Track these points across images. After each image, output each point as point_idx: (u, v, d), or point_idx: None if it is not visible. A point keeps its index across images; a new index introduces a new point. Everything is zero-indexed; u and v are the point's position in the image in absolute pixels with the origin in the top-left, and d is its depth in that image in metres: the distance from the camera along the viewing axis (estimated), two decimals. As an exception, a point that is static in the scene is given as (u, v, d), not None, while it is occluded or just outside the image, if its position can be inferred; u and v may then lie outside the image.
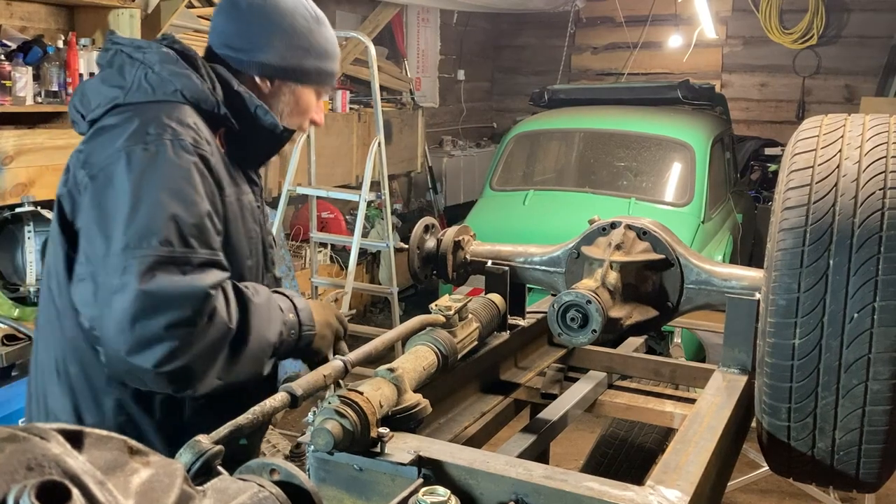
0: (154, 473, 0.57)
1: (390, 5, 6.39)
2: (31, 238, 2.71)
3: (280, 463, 0.75)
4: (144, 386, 1.37)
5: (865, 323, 1.15)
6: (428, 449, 1.13)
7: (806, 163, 1.27)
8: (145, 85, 1.45)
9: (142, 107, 1.43)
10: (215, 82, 1.50)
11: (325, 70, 1.64)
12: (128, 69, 1.47)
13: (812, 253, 1.19)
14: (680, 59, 7.99)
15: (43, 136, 3.52)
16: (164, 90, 1.45)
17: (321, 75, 1.64)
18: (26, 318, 2.68)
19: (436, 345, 1.39)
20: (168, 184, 1.35)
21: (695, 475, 1.10)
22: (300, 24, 1.59)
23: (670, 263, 1.58)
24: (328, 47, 1.64)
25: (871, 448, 1.20)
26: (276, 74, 1.58)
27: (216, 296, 1.33)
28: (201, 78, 1.48)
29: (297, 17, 1.59)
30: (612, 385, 1.93)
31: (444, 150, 7.77)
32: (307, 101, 1.65)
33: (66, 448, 0.50)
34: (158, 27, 4.08)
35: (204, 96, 1.47)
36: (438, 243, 1.77)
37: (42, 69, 3.49)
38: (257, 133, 1.56)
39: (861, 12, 7.56)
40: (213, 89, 1.49)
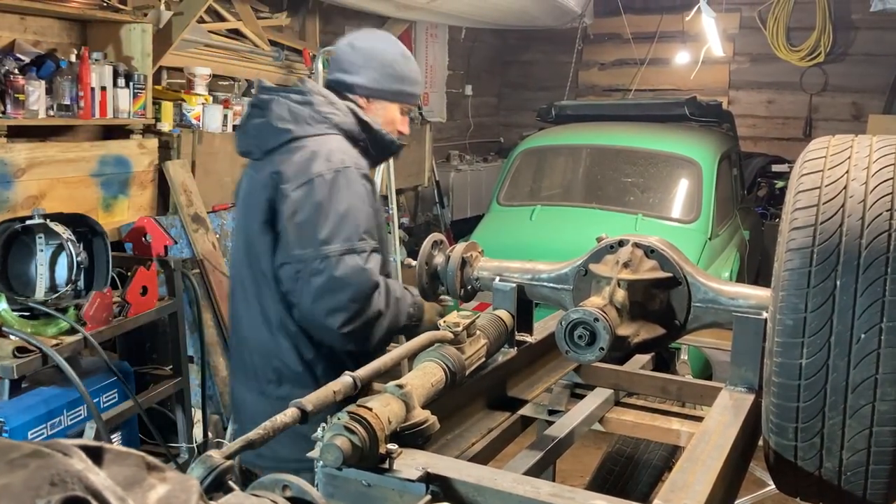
0: (171, 489, 0.58)
1: (399, 21, 6.44)
2: (43, 251, 2.73)
3: (292, 479, 0.76)
4: (327, 341, 1.99)
5: (872, 343, 1.16)
6: (436, 465, 1.14)
7: (813, 183, 1.28)
8: (313, 122, 2.03)
9: (315, 139, 2.01)
10: (348, 114, 2.07)
11: (407, 91, 2.20)
12: (297, 109, 2.04)
13: (819, 273, 1.20)
14: (687, 75, 8.01)
15: (55, 150, 3.56)
16: (327, 125, 2.04)
17: (404, 95, 2.19)
18: (39, 333, 2.70)
19: (444, 361, 1.40)
20: (350, 198, 1.96)
21: (702, 494, 1.10)
22: (390, 57, 2.17)
23: (678, 282, 1.58)
24: (411, 75, 2.20)
25: (879, 469, 1.20)
26: (372, 94, 2.15)
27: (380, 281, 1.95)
28: (344, 114, 2.07)
29: (388, 53, 2.17)
30: (618, 402, 1.93)
31: (451, 164, 7.80)
32: (393, 115, 2.19)
33: (87, 464, 0.51)
34: (170, 42, 4.12)
35: (351, 128, 2.07)
36: (447, 259, 1.78)
37: (55, 83, 3.53)
38: (378, 146, 2.14)
39: (868, 30, 7.57)
40: (354, 122, 2.07)
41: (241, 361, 2.17)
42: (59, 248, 2.75)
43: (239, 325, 2.16)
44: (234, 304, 2.19)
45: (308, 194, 1.94)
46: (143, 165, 4.00)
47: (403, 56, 2.20)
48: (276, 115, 2.04)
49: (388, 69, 2.15)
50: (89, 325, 2.81)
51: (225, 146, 4.52)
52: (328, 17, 6.21)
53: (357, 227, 1.94)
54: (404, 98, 2.20)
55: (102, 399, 2.99)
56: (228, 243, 4.45)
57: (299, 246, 1.93)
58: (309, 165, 1.96)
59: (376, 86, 2.14)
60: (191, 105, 4.36)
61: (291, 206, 1.94)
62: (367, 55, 2.15)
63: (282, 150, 2.01)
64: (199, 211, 4.20)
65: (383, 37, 2.26)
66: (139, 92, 3.88)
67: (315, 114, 2.03)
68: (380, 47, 2.18)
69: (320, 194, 1.93)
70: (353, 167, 2.00)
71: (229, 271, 2.44)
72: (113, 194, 3.85)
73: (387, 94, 2.16)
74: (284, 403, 1.10)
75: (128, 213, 3.93)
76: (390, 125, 2.18)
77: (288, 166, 1.97)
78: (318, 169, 1.95)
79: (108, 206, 3.84)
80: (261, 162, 2.07)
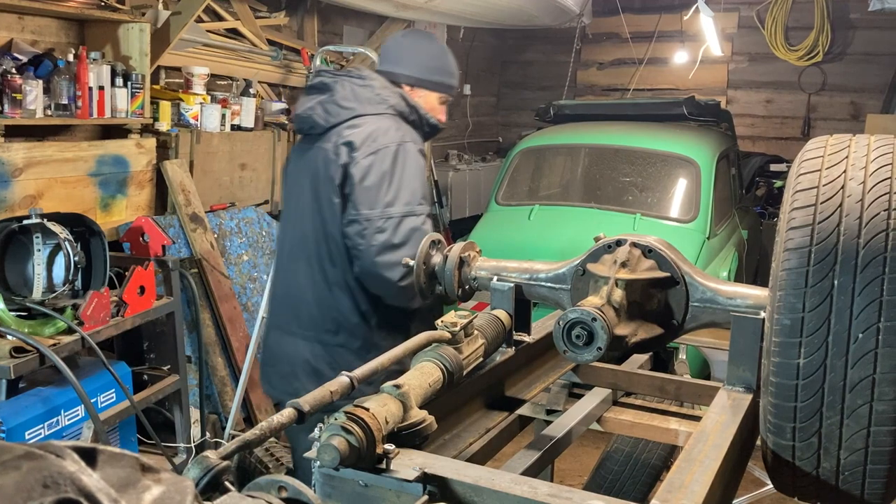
0: (165, 490, 0.58)
1: (398, 21, 6.43)
2: (40, 250, 2.73)
3: (288, 480, 0.76)
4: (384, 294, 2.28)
5: (870, 343, 1.16)
6: (433, 466, 1.13)
7: (811, 183, 1.28)
8: (374, 102, 2.35)
9: (375, 116, 2.33)
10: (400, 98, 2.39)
11: (446, 82, 2.51)
12: (359, 90, 2.36)
13: (817, 273, 1.20)
14: (685, 75, 8.01)
15: (52, 149, 3.55)
16: (385, 106, 2.36)
17: (443, 86, 2.50)
18: (36, 333, 2.69)
19: (441, 361, 1.40)
20: (410, 168, 2.28)
21: (699, 494, 1.10)
22: (432, 51, 2.52)
23: (675, 281, 1.58)
24: (449, 68, 2.52)
25: (876, 468, 1.20)
26: (416, 83, 2.46)
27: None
28: (398, 98, 2.39)
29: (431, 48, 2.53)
30: (616, 402, 1.93)
31: (449, 164, 7.79)
32: (434, 103, 2.50)
33: (80, 466, 0.50)
34: (168, 41, 4.11)
35: (403, 109, 2.39)
36: (444, 259, 1.78)
37: (52, 82, 3.52)
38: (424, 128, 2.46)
39: (866, 30, 7.57)
40: (405, 105, 2.39)
41: (293, 314, 2.43)
42: (56, 248, 2.74)
43: (293, 283, 2.43)
44: (287, 265, 2.48)
45: (375, 162, 2.26)
46: (141, 165, 3.99)
47: (443, 51, 2.55)
48: (340, 95, 2.36)
49: (431, 62, 2.48)
50: (87, 325, 2.81)
51: (223, 146, 4.52)
52: (326, 16, 6.21)
53: (415, 194, 2.27)
54: (443, 88, 2.50)
55: (100, 399, 2.99)
56: (227, 243, 4.44)
57: (367, 206, 2.24)
58: (376, 138, 2.29)
59: (420, 75, 2.46)
60: (189, 105, 4.35)
61: (361, 172, 2.25)
62: (413, 49, 2.50)
63: (346, 125, 2.32)
64: (197, 210, 4.20)
65: (427, 35, 2.72)
66: (137, 91, 3.87)
67: (375, 96, 2.36)
68: (424, 43, 2.56)
69: (386, 163, 2.26)
70: (412, 142, 2.33)
71: (278, 239, 2.70)
72: (111, 194, 3.85)
73: (428, 84, 2.47)
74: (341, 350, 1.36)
75: (126, 213, 3.93)
76: (430, 112, 2.48)
77: (357, 137, 2.29)
78: (384, 141, 2.28)
79: (106, 205, 3.83)
80: (323, 136, 2.36)
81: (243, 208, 4.66)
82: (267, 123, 5.00)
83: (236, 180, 4.66)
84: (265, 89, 5.43)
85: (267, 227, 4.74)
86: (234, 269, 4.43)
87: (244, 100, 4.71)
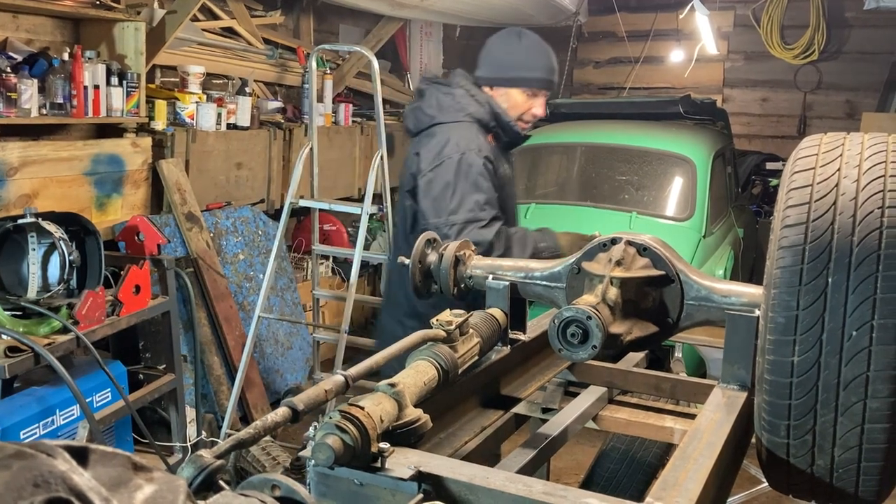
0: (157, 489, 0.58)
1: (393, 19, 6.43)
2: (35, 250, 2.72)
3: (281, 479, 0.76)
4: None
5: (864, 341, 1.16)
6: (428, 464, 1.13)
7: (805, 181, 1.28)
8: (452, 110, 2.48)
9: (450, 125, 2.47)
10: (485, 105, 2.49)
11: (523, 76, 2.52)
12: (442, 98, 2.51)
13: (811, 271, 1.20)
14: (681, 73, 8.02)
15: (47, 148, 3.54)
16: (463, 114, 2.48)
17: (520, 80, 2.51)
18: (31, 332, 2.69)
19: (436, 359, 1.40)
20: (472, 177, 2.39)
21: (694, 492, 1.10)
22: (505, 47, 2.54)
23: (670, 280, 1.58)
24: (527, 61, 2.52)
25: (870, 465, 1.20)
26: (491, 82, 2.54)
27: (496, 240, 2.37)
28: (479, 104, 2.50)
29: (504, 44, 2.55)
30: (612, 400, 1.93)
31: (446, 162, 7.79)
32: (516, 99, 2.54)
33: (72, 465, 0.50)
34: (163, 40, 4.11)
35: (482, 116, 2.50)
36: (440, 258, 1.78)
37: (47, 81, 3.51)
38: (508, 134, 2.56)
39: (862, 28, 7.58)
40: (486, 112, 2.49)
41: (393, 297, 2.66)
42: (51, 248, 2.74)
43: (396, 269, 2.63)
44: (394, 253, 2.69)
45: (439, 174, 2.42)
46: (137, 164, 3.99)
47: (522, 44, 2.56)
48: (426, 103, 2.54)
49: (506, 58, 2.54)
50: (82, 325, 2.80)
51: (219, 145, 4.51)
52: (322, 15, 6.20)
53: (478, 201, 2.39)
54: (521, 82, 2.52)
55: (95, 398, 2.98)
56: (223, 242, 4.44)
57: (433, 215, 2.41)
58: (441, 149, 2.43)
59: (492, 74, 2.54)
60: (184, 104, 4.34)
61: (425, 184, 2.44)
62: (488, 48, 2.57)
63: (425, 133, 2.50)
64: (193, 210, 4.19)
65: (512, 31, 2.62)
66: (132, 90, 3.86)
67: (455, 104, 2.49)
68: (498, 40, 2.58)
69: (449, 174, 2.40)
70: (475, 150, 2.43)
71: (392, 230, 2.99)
72: (106, 193, 3.84)
73: (503, 81, 2.53)
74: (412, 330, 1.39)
75: (121, 212, 3.92)
76: (515, 109, 2.54)
77: (426, 150, 2.46)
78: (447, 152, 2.42)
79: (101, 204, 3.83)
80: (414, 140, 2.57)
81: (239, 207, 4.65)
82: (263, 122, 4.99)
83: (232, 179, 4.65)
84: (261, 88, 5.42)
85: (263, 227, 4.74)
86: (230, 268, 4.43)
87: (240, 99, 4.70)
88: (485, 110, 2.50)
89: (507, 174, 2.61)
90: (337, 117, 5.67)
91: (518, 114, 2.57)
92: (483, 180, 2.42)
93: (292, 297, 4.85)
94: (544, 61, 2.55)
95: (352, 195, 5.75)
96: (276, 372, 4.58)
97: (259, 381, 4.33)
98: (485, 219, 2.39)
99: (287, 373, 4.65)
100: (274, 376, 4.55)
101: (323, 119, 5.36)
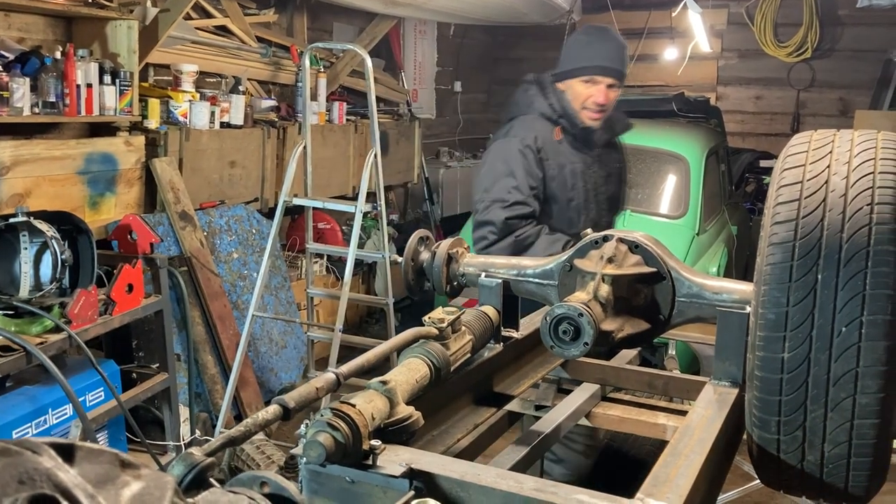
0: (145, 486, 0.58)
1: (388, 18, 6.42)
2: (27, 249, 2.71)
3: (270, 476, 0.76)
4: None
5: (853, 337, 1.16)
6: (419, 461, 1.13)
7: (795, 178, 1.28)
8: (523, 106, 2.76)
9: (518, 118, 2.76)
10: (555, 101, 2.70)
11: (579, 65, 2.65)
12: (520, 96, 2.81)
13: (801, 267, 1.20)
14: (675, 71, 8.03)
15: (40, 147, 3.53)
16: (531, 108, 2.73)
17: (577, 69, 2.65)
18: (23, 331, 2.68)
19: (428, 357, 1.40)
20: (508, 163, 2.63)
21: (684, 488, 1.10)
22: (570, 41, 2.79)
23: (662, 277, 1.58)
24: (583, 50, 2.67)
25: (860, 461, 1.21)
26: (556, 78, 2.72)
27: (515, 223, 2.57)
28: (545, 99, 2.71)
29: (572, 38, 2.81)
30: (605, 397, 1.94)
31: (440, 161, 7.79)
32: (577, 90, 2.67)
33: (57, 462, 0.50)
34: (156, 39, 4.10)
35: (546, 111, 2.71)
36: (433, 256, 1.78)
37: (40, 80, 3.50)
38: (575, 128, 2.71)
39: (855, 26, 7.61)
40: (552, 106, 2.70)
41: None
42: (43, 246, 2.73)
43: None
44: None
45: (487, 158, 2.74)
46: (130, 163, 3.98)
47: (584, 37, 2.77)
48: (513, 100, 2.83)
49: (566, 52, 2.74)
50: (74, 324, 2.80)
51: (212, 143, 4.50)
52: (316, 13, 6.19)
53: (507, 184, 2.59)
54: (578, 72, 2.66)
55: (88, 398, 2.98)
56: (216, 241, 4.43)
57: (477, 192, 2.71)
58: (497, 138, 2.75)
59: (559, 69, 2.72)
60: (178, 102, 4.33)
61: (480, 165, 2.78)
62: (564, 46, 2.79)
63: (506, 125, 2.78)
64: (186, 208, 4.19)
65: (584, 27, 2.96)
66: (125, 89, 3.85)
67: (525, 99, 2.75)
68: (573, 36, 2.83)
69: (490, 157, 2.71)
70: (519, 139, 2.65)
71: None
72: (100, 192, 3.83)
73: (563, 74, 2.70)
74: None
75: (115, 211, 3.91)
76: (578, 100, 2.67)
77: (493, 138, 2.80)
78: (495, 139, 2.75)
79: (94, 203, 3.81)
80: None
81: (233, 206, 4.64)
82: (256, 121, 4.98)
83: (226, 178, 4.65)
84: (254, 86, 5.41)
85: (257, 225, 4.73)
86: (223, 266, 4.42)
87: (233, 97, 4.69)
88: (548, 104, 2.68)
89: (574, 168, 2.71)
90: (331, 116, 5.67)
91: (580, 103, 2.67)
92: (517, 167, 2.60)
93: (286, 295, 4.84)
94: (601, 49, 2.65)
95: (346, 193, 5.75)
96: (271, 371, 4.57)
97: (253, 380, 4.32)
98: (509, 201, 2.57)
99: (281, 371, 4.65)
100: (268, 375, 4.54)
101: (317, 117, 5.35)
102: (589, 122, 2.70)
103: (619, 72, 2.68)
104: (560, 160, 2.69)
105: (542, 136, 2.67)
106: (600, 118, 2.71)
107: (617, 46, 2.71)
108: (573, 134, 2.73)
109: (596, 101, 2.66)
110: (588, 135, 2.75)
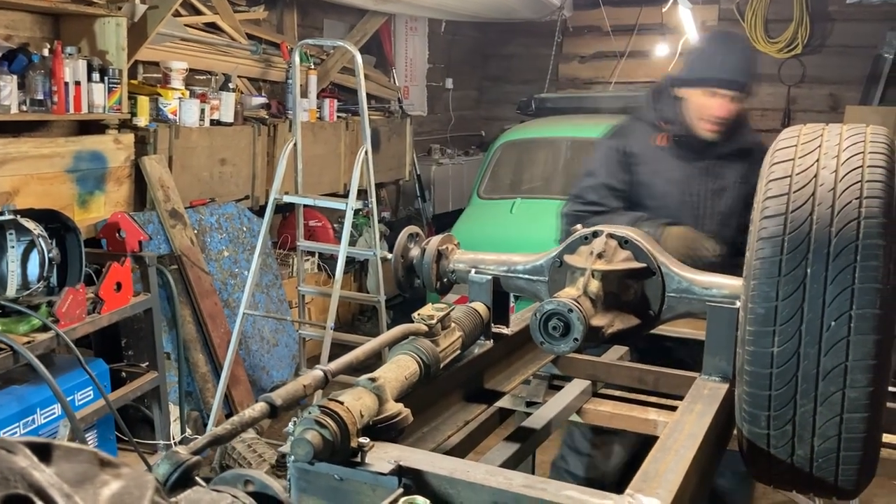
0: (125, 486, 0.57)
1: (378, 14, 6.40)
2: (14, 247, 2.69)
3: (254, 474, 0.75)
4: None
5: (842, 331, 1.16)
6: (408, 458, 1.13)
7: (784, 172, 1.28)
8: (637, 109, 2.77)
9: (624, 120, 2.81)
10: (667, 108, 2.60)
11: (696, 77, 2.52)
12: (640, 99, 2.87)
13: (790, 262, 1.20)
14: (667, 67, 8.01)
15: (28, 145, 3.51)
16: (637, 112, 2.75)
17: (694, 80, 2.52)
18: (10, 330, 2.66)
19: (418, 354, 1.39)
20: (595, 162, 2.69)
21: (674, 483, 1.10)
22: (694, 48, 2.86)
23: (651, 272, 1.58)
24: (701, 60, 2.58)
25: (849, 455, 1.21)
26: (674, 84, 2.61)
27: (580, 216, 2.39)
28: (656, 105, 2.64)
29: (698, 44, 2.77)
30: (596, 393, 1.93)
31: (432, 158, 7.78)
32: (696, 100, 2.53)
33: (32, 461, 0.49)
34: (145, 35, 4.07)
35: (647, 117, 2.67)
36: (422, 252, 1.77)
37: (27, 78, 3.47)
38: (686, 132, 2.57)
39: (845, 22, 7.62)
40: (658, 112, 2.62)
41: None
42: (30, 245, 2.71)
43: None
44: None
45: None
46: (119, 161, 3.95)
47: (708, 45, 2.76)
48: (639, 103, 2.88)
49: (688, 59, 2.70)
50: (62, 322, 2.78)
51: (202, 141, 4.48)
52: (306, 10, 6.17)
53: (587, 182, 2.63)
54: (695, 82, 2.53)
55: (77, 397, 2.96)
56: (207, 239, 4.41)
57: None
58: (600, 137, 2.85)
59: (679, 76, 2.63)
60: (167, 99, 4.31)
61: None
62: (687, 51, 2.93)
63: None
64: (176, 206, 4.17)
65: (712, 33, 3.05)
66: (114, 86, 3.83)
67: (641, 103, 2.79)
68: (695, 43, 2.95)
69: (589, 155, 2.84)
70: (607, 140, 2.73)
71: None
72: (89, 190, 3.80)
73: (680, 82, 2.59)
74: None
75: (104, 209, 3.89)
76: (697, 110, 2.54)
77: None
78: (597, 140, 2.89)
79: (83, 202, 3.79)
80: None
81: (223, 204, 4.62)
82: (247, 118, 4.96)
83: (216, 176, 4.62)
84: (245, 84, 5.39)
85: (247, 223, 4.71)
86: (214, 265, 4.40)
87: (223, 94, 4.67)
88: (654, 110, 2.64)
89: (671, 176, 2.57)
90: (321, 113, 5.64)
91: (699, 114, 2.52)
92: (599, 167, 2.64)
93: (278, 293, 4.83)
94: (724, 60, 2.50)
95: (337, 191, 5.73)
96: (262, 369, 4.56)
97: (245, 378, 4.31)
98: (584, 198, 2.61)
99: (273, 370, 4.63)
100: (260, 373, 4.53)
101: (307, 114, 5.33)
102: (706, 133, 2.53)
103: (742, 84, 2.50)
104: (655, 167, 2.58)
105: (637, 141, 2.61)
106: (719, 131, 2.54)
107: (742, 57, 2.58)
108: (681, 142, 2.57)
109: (715, 113, 2.50)
110: (699, 145, 2.57)
